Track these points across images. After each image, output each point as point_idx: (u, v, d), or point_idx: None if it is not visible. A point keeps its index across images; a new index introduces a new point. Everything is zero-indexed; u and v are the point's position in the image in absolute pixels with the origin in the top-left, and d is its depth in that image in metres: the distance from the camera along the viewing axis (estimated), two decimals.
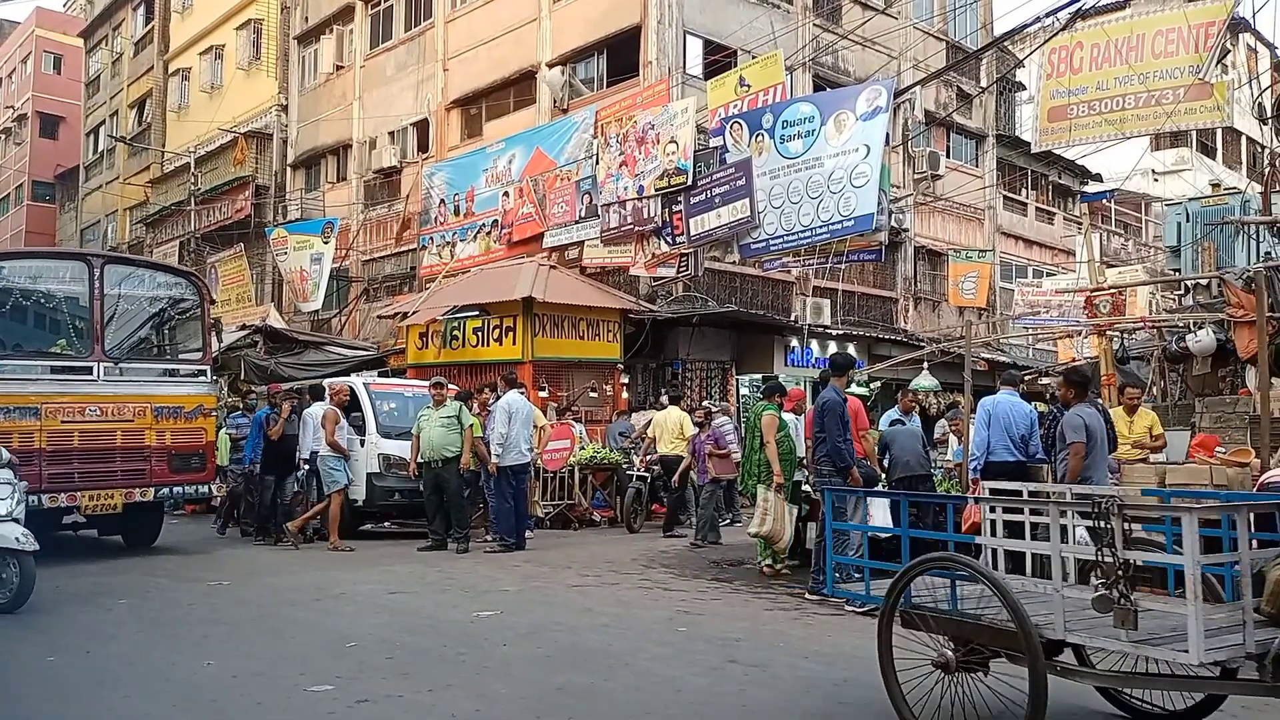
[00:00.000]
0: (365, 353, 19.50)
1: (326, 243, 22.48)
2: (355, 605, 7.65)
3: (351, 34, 26.38)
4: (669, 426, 12.98)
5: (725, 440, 11.70)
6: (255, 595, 8.14)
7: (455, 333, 17.30)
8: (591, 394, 17.08)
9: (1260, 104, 11.93)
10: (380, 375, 16.58)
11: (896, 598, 4.55)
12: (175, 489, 10.53)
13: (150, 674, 5.60)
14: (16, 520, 7.20)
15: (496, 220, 19.28)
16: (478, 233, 19.73)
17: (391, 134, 24.40)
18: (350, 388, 12.51)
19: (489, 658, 5.89)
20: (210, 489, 11.06)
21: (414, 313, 18.29)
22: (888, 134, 13.33)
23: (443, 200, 20.82)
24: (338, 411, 11.38)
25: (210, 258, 26.88)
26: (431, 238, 21.04)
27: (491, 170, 19.62)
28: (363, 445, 12.13)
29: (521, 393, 12.04)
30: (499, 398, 11.38)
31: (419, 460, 10.95)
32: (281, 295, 25.86)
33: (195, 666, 5.71)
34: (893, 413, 9.94)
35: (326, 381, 13.17)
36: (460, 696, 5.06)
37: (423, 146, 23.56)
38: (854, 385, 17.74)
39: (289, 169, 28.22)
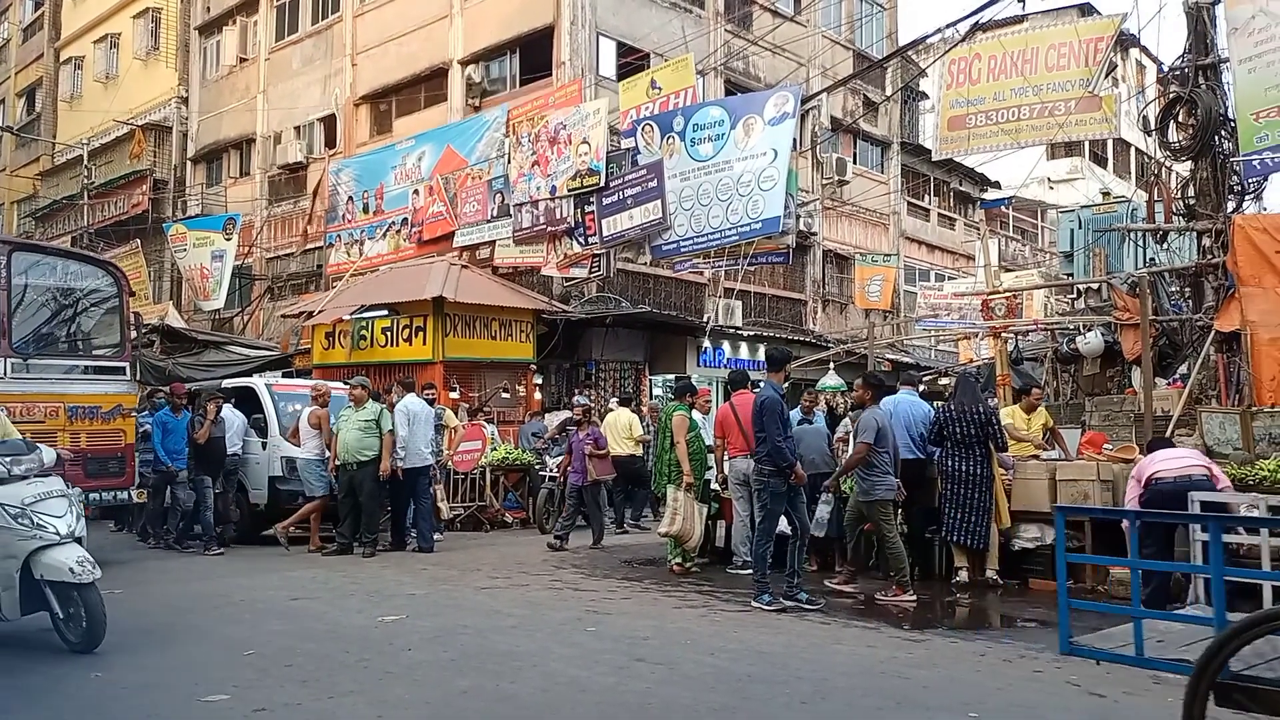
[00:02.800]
0: (269, 353, 19.00)
1: (228, 239, 21.84)
2: (254, 612, 7.45)
3: (256, 25, 25.71)
4: (619, 428, 12.97)
5: (604, 440, 11.68)
6: (150, 604, 7.84)
7: (363, 333, 16.98)
8: (504, 395, 16.95)
9: (1145, 116, 12.49)
10: (285, 376, 16.18)
11: (1219, 666, 3.35)
12: (92, 495, 9.78)
13: (34, 688, 5.35)
14: (79, 540, 6.08)
15: (406, 218, 19.00)
16: (387, 231, 19.40)
17: (298, 129, 23.85)
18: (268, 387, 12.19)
19: (392, 663, 5.80)
20: (130, 495, 10.35)
21: (320, 312, 17.88)
22: (795, 139, 13.59)
23: (351, 197, 20.42)
24: (325, 413, 10.95)
25: (105, 254, 25.80)
26: (339, 235, 20.60)
27: (401, 167, 19.32)
28: (264, 448, 11.81)
29: (431, 394, 11.90)
30: (395, 402, 11.18)
31: (336, 462, 10.68)
32: (181, 293, 25.03)
33: (82, 679, 5.48)
34: (794, 414, 10.10)
35: (312, 381, 12.73)
36: (360, 703, 4.97)
37: (330, 142, 23.08)
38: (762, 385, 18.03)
39: (189, 163, 27.36)
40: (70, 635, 6.03)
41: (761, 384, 8.31)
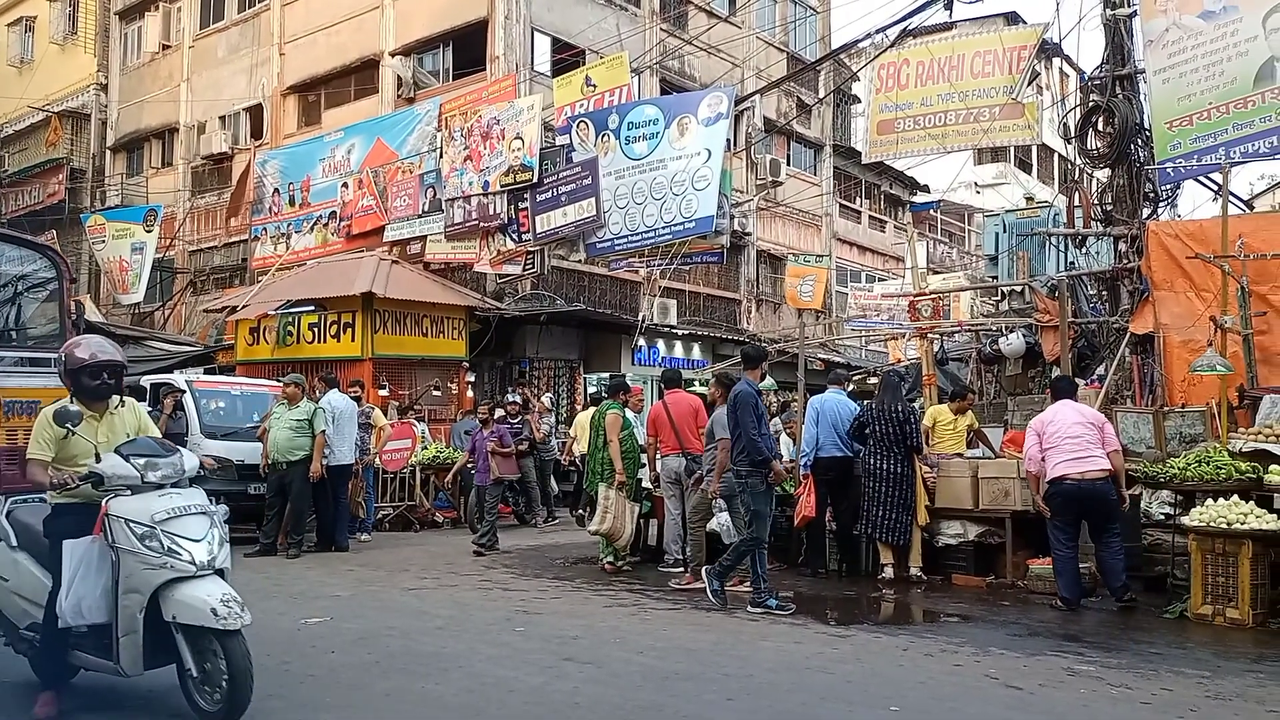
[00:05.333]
0: (190, 348, 18.48)
1: (149, 231, 21.25)
2: None
3: (179, 12, 25.05)
4: (589, 427, 12.86)
5: (508, 438, 11.58)
6: None
7: (289, 329, 16.62)
8: (435, 392, 16.76)
9: (1065, 124, 12.84)
10: (207, 373, 15.77)
11: None
12: (28, 497, 9.29)
13: None
14: (221, 573, 4.55)
15: (334, 212, 18.67)
16: (314, 224, 19.05)
17: (223, 118, 23.27)
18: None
19: (315, 666, 5.68)
20: None
21: (244, 307, 17.46)
22: (729, 139, 13.67)
23: (277, 189, 20.00)
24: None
25: None
26: (265, 228, 20.16)
27: (329, 160, 18.99)
28: (185, 446, 11.45)
29: (356, 392, 11.68)
30: (318, 398, 10.96)
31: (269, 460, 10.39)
32: (99, 286, 24.24)
33: None
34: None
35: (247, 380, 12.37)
36: (280, 707, 4.85)
37: (256, 133, 22.56)
38: (696, 384, 18.14)
39: (108, 152, 26.51)
40: (202, 700, 4.49)
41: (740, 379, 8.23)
